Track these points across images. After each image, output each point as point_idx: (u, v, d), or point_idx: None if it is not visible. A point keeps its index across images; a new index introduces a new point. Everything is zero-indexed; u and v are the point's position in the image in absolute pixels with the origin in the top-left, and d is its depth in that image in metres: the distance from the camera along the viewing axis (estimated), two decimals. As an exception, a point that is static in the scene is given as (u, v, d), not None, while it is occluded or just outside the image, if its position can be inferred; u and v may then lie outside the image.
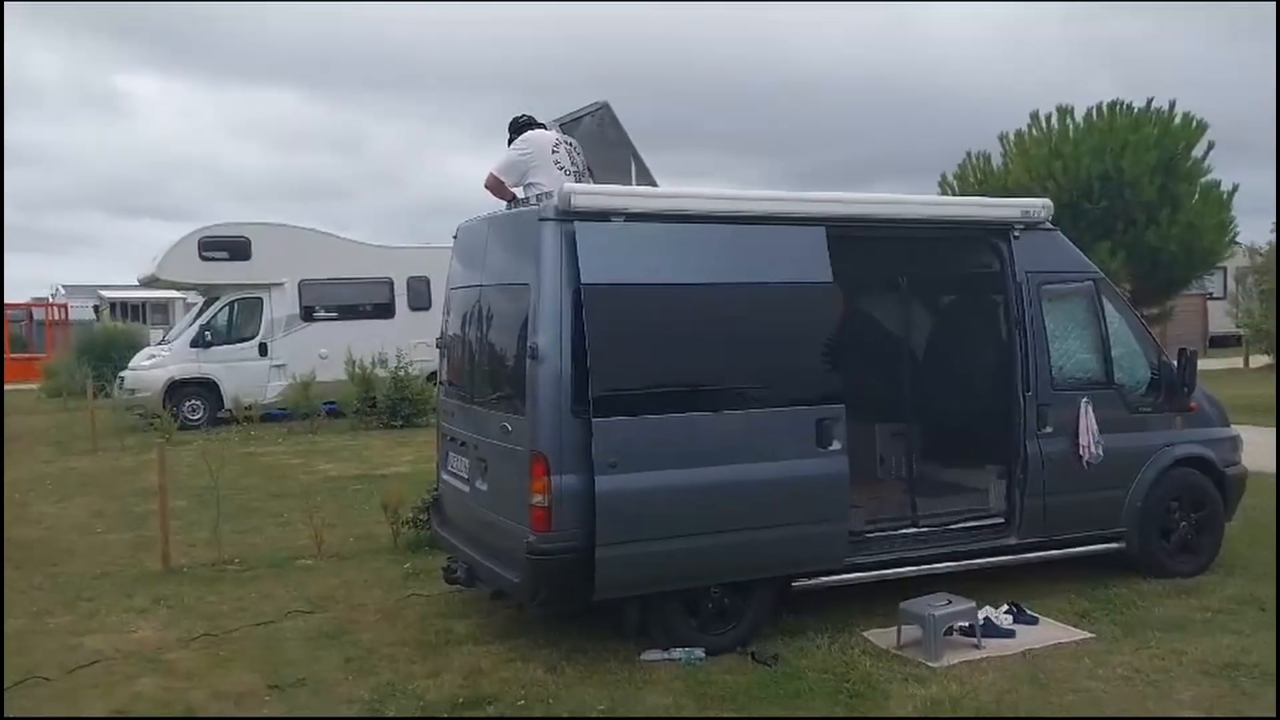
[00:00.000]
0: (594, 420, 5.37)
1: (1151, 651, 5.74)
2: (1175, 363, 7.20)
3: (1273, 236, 23.45)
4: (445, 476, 6.94)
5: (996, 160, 15.69)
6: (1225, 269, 30.39)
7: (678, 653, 5.72)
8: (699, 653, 5.74)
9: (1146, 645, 5.84)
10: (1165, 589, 6.86)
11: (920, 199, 6.93)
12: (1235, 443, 7.66)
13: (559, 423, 5.43)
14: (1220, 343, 30.20)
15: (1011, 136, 15.56)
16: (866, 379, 7.47)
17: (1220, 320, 29.70)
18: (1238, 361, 24.98)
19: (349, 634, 6.38)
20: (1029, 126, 15.37)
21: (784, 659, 5.71)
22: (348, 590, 7.34)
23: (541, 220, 5.64)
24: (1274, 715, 3.50)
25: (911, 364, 7.80)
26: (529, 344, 5.49)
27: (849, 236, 6.37)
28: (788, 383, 5.97)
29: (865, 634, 6.11)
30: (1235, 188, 15.59)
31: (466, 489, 6.42)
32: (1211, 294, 30.70)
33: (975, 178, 15.72)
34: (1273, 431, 14.40)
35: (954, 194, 15.49)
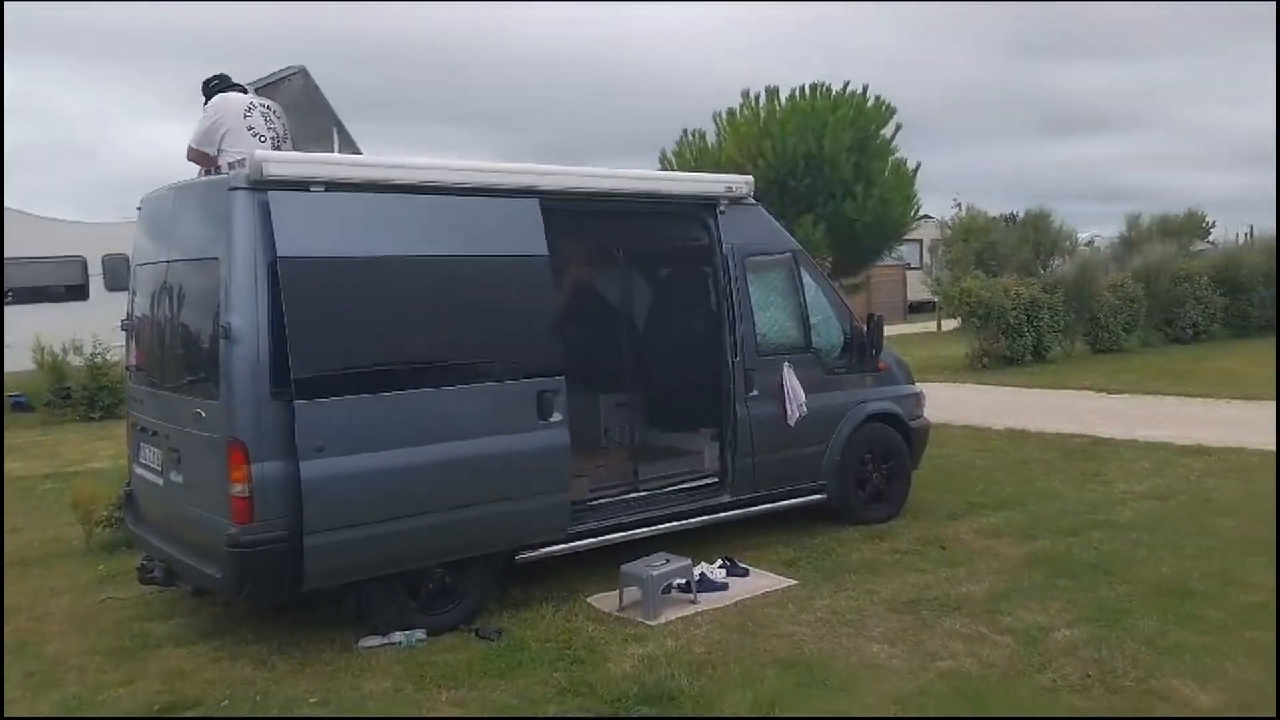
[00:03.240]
0: (296, 402, 5.11)
1: (848, 593, 6.19)
2: (865, 327, 7.77)
3: (953, 210, 26.14)
4: (138, 470, 6.41)
5: (712, 138, 16.35)
6: (921, 241, 33.37)
7: (398, 636, 5.59)
8: (420, 634, 5.64)
9: (844, 588, 6.30)
10: (861, 535, 7.43)
11: (632, 173, 7.06)
12: (919, 398, 8.37)
13: (258, 407, 5.14)
14: (918, 309, 33.07)
15: (725, 115, 16.26)
16: (590, 351, 7.60)
17: (918, 289, 32.57)
18: (933, 326, 27.46)
19: (31, 647, 5.79)
20: (741, 106, 16.12)
21: (508, 632, 5.72)
22: (32, 599, 6.66)
23: (232, 190, 5.28)
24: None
25: (632, 335, 8.01)
26: (221, 323, 5.15)
27: (566, 209, 6.41)
28: (505, 357, 5.93)
29: (589, 600, 6.23)
30: (919, 165, 17.21)
31: (160, 482, 5.96)
32: (910, 265, 33.59)
33: (692, 155, 16.31)
34: (963, 386, 15.97)
35: (674, 170, 16.00)
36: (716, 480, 7.11)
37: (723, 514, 7.07)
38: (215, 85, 6.35)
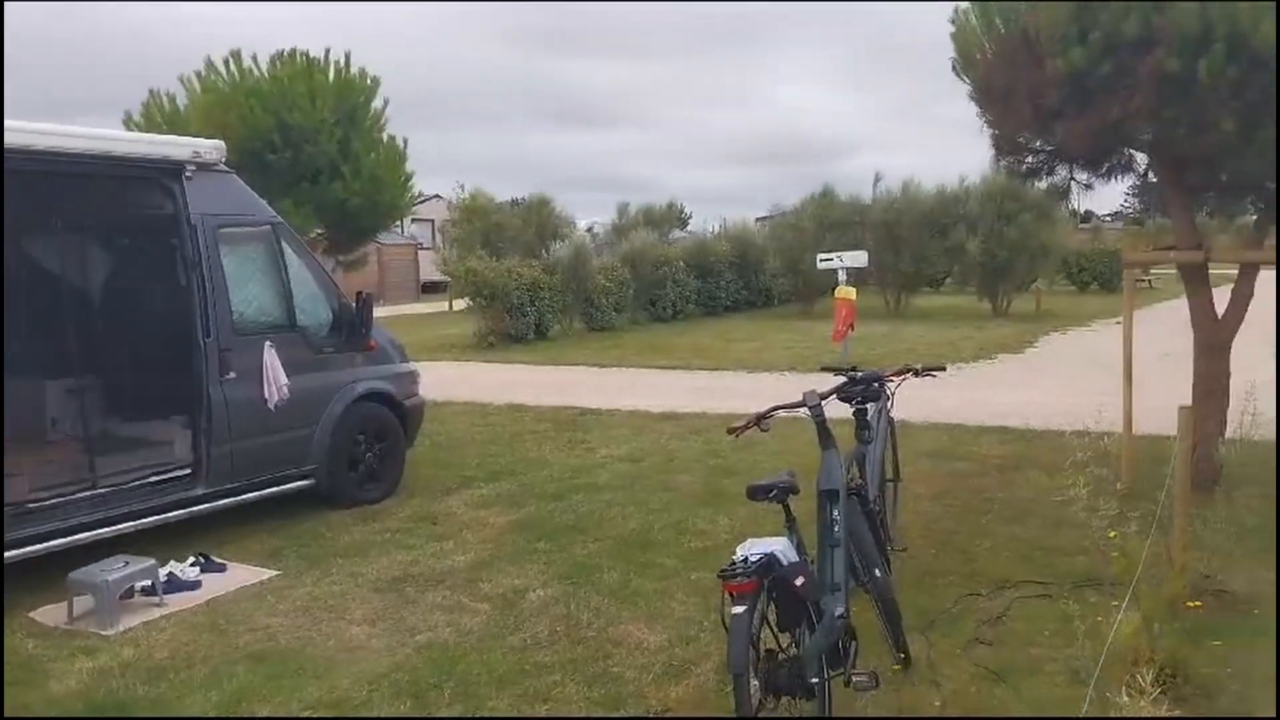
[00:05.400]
0: None
1: (332, 579, 6.04)
2: (355, 305, 7.61)
3: (455, 192, 27.00)
4: None
5: (183, 101, 15.11)
6: (433, 221, 33.82)
7: None
8: None
9: (328, 574, 6.13)
10: (353, 517, 7.30)
11: (76, 130, 6.23)
12: (413, 377, 8.39)
13: None
14: (432, 289, 33.48)
15: (194, 78, 15.09)
16: (30, 332, 6.67)
17: (430, 269, 32.98)
18: (445, 305, 27.91)
19: None
20: (206, 70, 15.04)
21: (-82, 663, 4.85)
22: None
23: None
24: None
25: (85, 313, 7.14)
26: None
27: None
28: None
29: (31, 614, 5.51)
30: (406, 142, 17.33)
31: None
32: (422, 244, 33.90)
33: (163, 118, 14.98)
34: (470, 364, 16.38)
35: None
36: (189, 471, 6.58)
37: (198, 507, 6.57)
38: None
